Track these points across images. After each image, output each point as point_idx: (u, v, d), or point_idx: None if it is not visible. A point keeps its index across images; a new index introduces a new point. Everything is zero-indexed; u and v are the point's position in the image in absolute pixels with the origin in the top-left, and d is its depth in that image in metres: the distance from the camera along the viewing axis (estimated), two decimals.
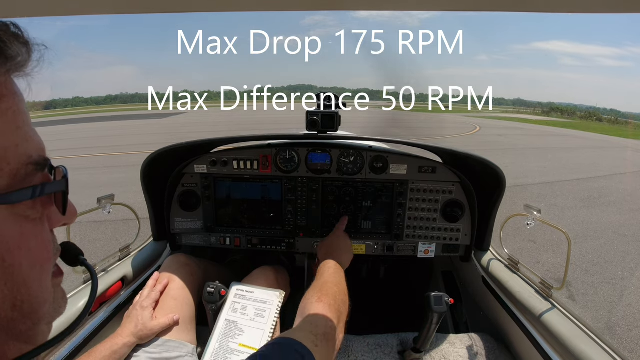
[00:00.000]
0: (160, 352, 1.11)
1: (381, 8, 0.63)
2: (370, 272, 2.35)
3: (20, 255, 0.35)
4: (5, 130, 0.33)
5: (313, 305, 0.91)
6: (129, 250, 1.53)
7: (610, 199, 6.50)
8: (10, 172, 0.34)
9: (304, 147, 1.58)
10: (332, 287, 1.04)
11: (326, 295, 0.96)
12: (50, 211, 0.40)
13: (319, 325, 0.82)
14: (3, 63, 0.34)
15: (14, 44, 0.34)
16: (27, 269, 0.36)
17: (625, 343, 2.70)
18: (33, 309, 0.37)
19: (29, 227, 0.36)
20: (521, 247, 4.29)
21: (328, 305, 0.91)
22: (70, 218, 0.43)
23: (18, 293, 0.35)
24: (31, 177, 0.36)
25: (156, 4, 0.57)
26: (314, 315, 0.86)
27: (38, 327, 0.39)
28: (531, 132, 21.86)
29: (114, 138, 15.23)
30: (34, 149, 0.37)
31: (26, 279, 0.36)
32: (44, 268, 0.39)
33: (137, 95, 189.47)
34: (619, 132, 25.76)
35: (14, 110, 0.35)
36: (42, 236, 0.38)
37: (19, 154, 0.35)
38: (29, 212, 0.36)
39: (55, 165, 0.42)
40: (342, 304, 0.98)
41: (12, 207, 0.34)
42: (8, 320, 0.35)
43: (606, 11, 0.50)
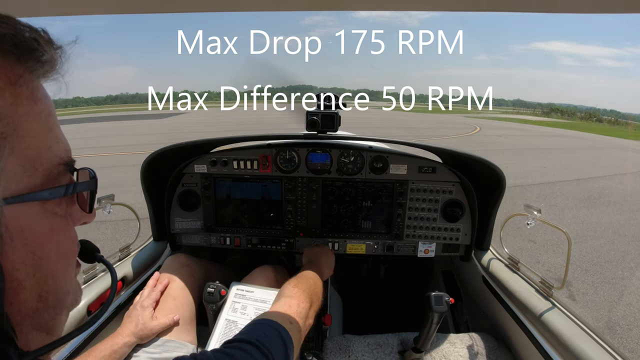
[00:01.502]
0: (161, 352, 1.11)
1: (381, 8, 0.63)
2: (370, 272, 2.35)
3: (50, 248, 0.37)
4: (39, 132, 0.36)
5: (289, 289, 1.02)
6: (129, 250, 1.53)
7: (610, 199, 6.50)
8: (44, 172, 0.36)
9: (304, 147, 1.58)
10: (309, 280, 1.13)
11: (302, 283, 1.08)
12: (72, 209, 0.43)
13: (292, 305, 0.92)
14: (39, 68, 0.36)
15: (49, 49, 0.36)
16: (55, 261, 0.38)
17: (625, 342, 2.70)
18: (58, 299, 0.39)
19: (57, 222, 0.39)
20: (521, 246, 4.29)
21: (302, 290, 1.02)
22: (91, 217, 0.45)
23: (45, 284, 0.37)
24: (62, 177, 0.39)
25: (156, 4, 0.57)
26: (289, 297, 0.97)
27: (60, 318, 0.41)
28: (531, 132, 21.87)
29: (113, 138, 15.23)
30: (64, 151, 0.39)
31: (53, 271, 0.38)
32: (69, 261, 0.41)
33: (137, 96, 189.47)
34: (619, 133, 25.77)
35: (47, 113, 0.37)
36: (68, 232, 0.41)
37: (51, 155, 0.37)
38: (56, 209, 0.38)
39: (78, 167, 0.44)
40: (315, 295, 1.07)
41: (43, 203, 0.36)
42: (34, 311, 0.37)
43: (606, 11, 0.50)
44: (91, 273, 1.29)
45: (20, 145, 0.33)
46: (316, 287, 1.12)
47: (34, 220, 0.35)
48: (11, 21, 0.34)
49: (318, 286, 1.14)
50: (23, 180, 0.34)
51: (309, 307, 0.98)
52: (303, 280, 1.11)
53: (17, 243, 0.34)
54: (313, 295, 1.05)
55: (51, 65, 0.37)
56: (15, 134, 0.33)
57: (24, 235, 0.34)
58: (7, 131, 0.32)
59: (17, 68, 0.34)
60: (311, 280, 1.13)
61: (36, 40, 0.35)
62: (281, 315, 0.86)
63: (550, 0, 0.55)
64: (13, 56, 0.34)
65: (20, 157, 0.33)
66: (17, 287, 0.34)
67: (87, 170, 0.44)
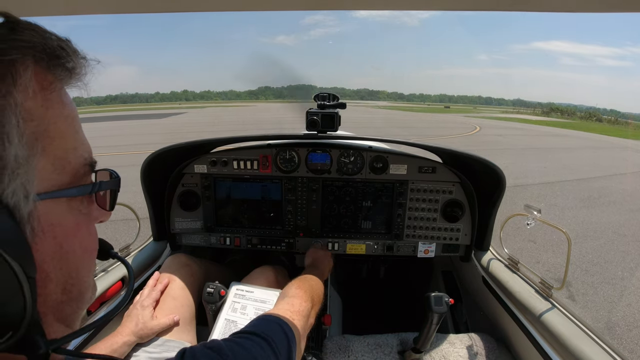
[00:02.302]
0: (160, 352, 1.11)
1: (381, 8, 0.63)
2: (370, 272, 2.35)
3: (75, 243, 0.40)
4: (67, 134, 0.38)
5: (292, 290, 1.06)
6: (129, 250, 1.53)
7: (610, 199, 6.50)
8: (71, 171, 0.39)
9: (304, 147, 1.58)
10: (310, 281, 1.16)
11: (304, 284, 1.11)
12: (91, 209, 0.44)
13: (294, 304, 0.96)
14: (66, 74, 0.39)
15: (75, 58, 0.39)
16: (80, 256, 0.41)
17: (625, 343, 2.70)
18: (80, 293, 0.42)
19: (82, 219, 0.41)
20: (521, 247, 4.29)
21: (304, 291, 1.05)
22: (107, 215, 0.48)
23: (69, 277, 0.40)
24: (87, 177, 0.42)
25: (156, 4, 0.57)
26: (292, 297, 1.01)
27: (80, 311, 0.43)
28: (531, 132, 21.88)
29: (113, 138, 15.22)
30: (87, 152, 0.42)
31: (77, 265, 0.41)
32: (92, 256, 0.44)
33: (137, 95, 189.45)
34: (619, 133, 25.78)
35: (72, 116, 0.40)
36: (91, 228, 0.44)
37: (77, 155, 0.40)
38: (80, 206, 0.41)
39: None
40: (317, 296, 1.10)
41: (70, 200, 0.39)
42: (58, 303, 0.39)
43: (606, 11, 0.50)
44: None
45: (51, 146, 0.36)
46: (318, 289, 1.15)
47: (62, 216, 0.38)
48: (40, 29, 0.37)
49: (319, 288, 1.17)
50: (53, 178, 0.36)
51: (310, 307, 1.00)
52: (305, 281, 1.14)
53: (47, 236, 0.36)
54: (314, 296, 1.08)
55: (76, 73, 0.40)
56: (46, 135, 0.35)
57: (53, 230, 0.37)
58: (39, 132, 0.35)
59: (47, 74, 0.37)
60: (313, 282, 1.16)
61: (63, 49, 0.38)
62: (284, 312, 0.89)
63: (550, 0, 0.54)
64: (44, 63, 0.36)
65: (50, 157, 0.36)
66: (45, 279, 0.37)
67: (108, 172, 0.48)
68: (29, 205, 0.33)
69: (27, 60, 0.34)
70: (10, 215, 0.32)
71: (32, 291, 0.32)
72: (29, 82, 0.34)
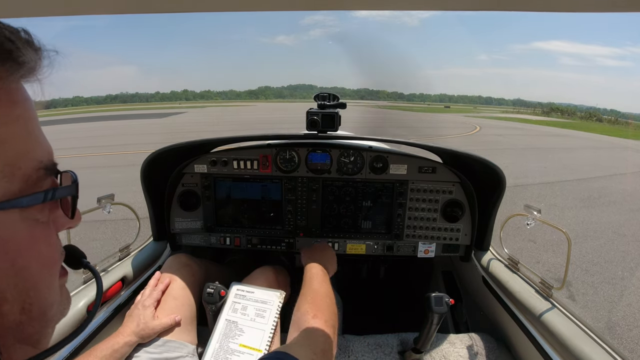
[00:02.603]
0: (161, 352, 1.11)
1: (381, 8, 0.63)
2: (370, 272, 2.35)
3: (31, 258, 0.35)
4: (17, 136, 0.34)
5: (309, 320, 0.94)
6: (129, 250, 1.53)
7: (610, 199, 6.50)
8: (22, 177, 0.34)
9: (304, 147, 1.58)
10: (325, 299, 1.06)
11: (321, 311, 0.99)
12: (56, 215, 0.41)
13: (317, 343, 0.84)
14: (16, 70, 0.34)
15: (27, 50, 0.35)
16: (37, 271, 0.36)
17: (625, 343, 2.70)
18: (41, 311, 0.38)
19: (39, 230, 0.37)
20: (521, 246, 4.29)
21: (324, 321, 0.94)
22: (75, 222, 0.44)
23: (27, 296, 0.35)
24: (41, 182, 0.37)
25: (156, 4, 0.57)
26: (311, 332, 0.89)
27: (45, 330, 0.39)
28: (531, 132, 21.87)
29: (113, 137, 15.22)
30: (44, 154, 0.38)
31: (36, 282, 0.36)
32: (52, 271, 0.39)
33: (137, 95, 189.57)
34: (619, 133, 25.77)
35: (26, 116, 0.35)
36: (50, 239, 0.39)
37: (30, 159, 0.35)
38: (38, 215, 0.37)
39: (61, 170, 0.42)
40: (335, 317, 1.01)
41: (23, 210, 0.35)
42: (17, 324, 0.35)
43: (606, 10, 0.50)
44: (91, 273, 1.29)
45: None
46: (333, 306, 1.05)
47: (13, 229, 0.34)
48: None
49: (333, 302, 1.08)
50: (0, 187, 0.32)
51: (333, 338, 0.90)
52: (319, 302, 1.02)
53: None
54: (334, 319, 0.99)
55: (30, 67, 0.35)
56: None
57: (4, 245, 0.33)
58: None
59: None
60: (327, 300, 1.05)
61: (12, 41, 0.34)
62: (305, 354, 0.75)
63: (550, 0, 0.54)
64: None
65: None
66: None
67: (69, 174, 0.42)
68: None
69: None
70: None
71: None
72: None
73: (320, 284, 1.14)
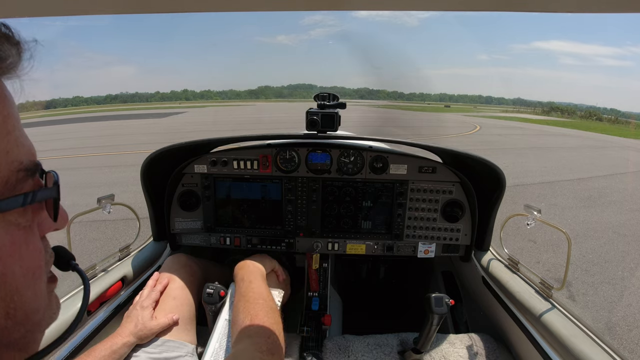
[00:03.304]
0: (160, 352, 1.11)
1: (381, 8, 0.62)
2: (370, 272, 2.35)
3: (12, 263, 0.34)
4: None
5: (246, 321, 0.97)
6: (129, 250, 1.53)
7: (610, 199, 6.50)
8: (0, 180, 0.33)
9: (303, 147, 1.58)
10: (257, 299, 1.09)
11: (254, 308, 1.02)
12: (41, 217, 0.40)
13: (261, 343, 0.87)
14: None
15: (4, 45, 0.33)
16: (20, 277, 0.35)
17: (625, 343, 2.70)
18: (27, 316, 0.37)
19: (20, 234, 0.36)
20: (521, 247, 4.29)
21: (262, 319, 0.96)
22: (61, 224, 0.42)
23: (11, 301, 0.35)
24: (22, 184, 0.35)
25: (156, 4, 0.57)
26: (254, 331, 0.92)
27: (32, 335, 0.39)
28: (531, 131, 21.86)
29: (113, 138, 15.22)
30: (25, 155, 0.36)
31: (19, 287, 0.35)
32: (35, 275, 0.38)
33: (137, 95, 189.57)
34: (619, 132, 25.76)
35: (4, 114, 0.33)
36: (33, 244, 0.38)
37: (9, 160, 0.33)
38: (19, 219, 0.35)
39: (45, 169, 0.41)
40: (272, 311, 1.03)
41: (2, 215, 0.33)
42: (1, 329, 0.34)
43: (606, 11, 0.50)
44: (91, 273, 1.29)
45: None
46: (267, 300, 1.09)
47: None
48: None
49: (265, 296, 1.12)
50: None
51: (278, 332, 0.95)
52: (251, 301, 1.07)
53: None
54: (270, 312, 1.03)
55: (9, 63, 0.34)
56: None
57: None
58: None
59: None
60: (260, 300, 1.09)
61: None
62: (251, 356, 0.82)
63: (550, 0, 0.54)
64: None
65: None
66: None
67: (51, 174, 0.40)
68: None
69: None
70: None
71: None
72: None
73: (247, 289, 1.16)
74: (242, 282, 1.20)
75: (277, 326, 0.97)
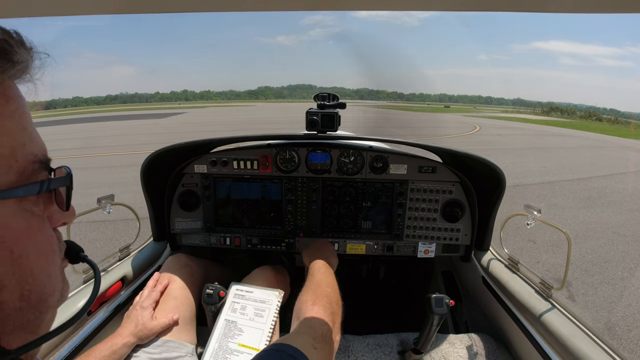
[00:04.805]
0: (160, 352, 1.11)
1: (381, 8, 0.63)
2: (370, 272, 2.35)
3: (28, 246, 0.37)
4: (13, 130, 0.36)
5: (308, 308, 0.94)
6: (129, 250, 1.53)
7: (610, 199, 6.50)
8: (18, 169, 0.36)
9: (303, 147, 1.58)
10: (325, 288, 1.06)
11: (320, 297, 0.99)
12: (50, 210, 0.42)
13: (315, 328, 0.84)
14: (10, 68, 0.36)
15: (20, 50, 0.37)
16: (34, 260, 0.38)
17: (625, 343, 2.70)
18: (41, 299, 0.39)
19: (34, 221, 0.39)
20: (521, 246, 4.29)
21: (323, 307, 0.94)
22: (69, 217, 0.46)
23: (26, 283, 0.37)
24: (37, 175, 0.39)
25: (156, 4, 0.57)
26: (310, 319, 0.89)
27: (44, 316, 0.41)
28: (531, 131, 21.87)
29: (113, 138, 15.22)
30: (38, 149, 0.39)
31: (33, 270, 0.38)
32: (49, 260, 0.41)
33: (137, 95, 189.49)
34: (619, 132, 25.77)
35: (20, 112, 0.37)
36: (46, 230, 0.41)
37: (25, 152, 0.37)
38: (33, 207, 0.39)
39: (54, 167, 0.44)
40: (336, 305, 1.00)
41: (19, 201, 0.37)
42: (16, 310, 0.37)
43: (606, 11, 0.50)
44: (91, 273, 1.29)
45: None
46: (335, 294, 1.05)
47: (9, 218, 0.35)
48: None
49: (335, 289, 1.08)
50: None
51: (332, 324, 0.90)
52: (319, 291, 1.02)
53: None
54: (334, 306, 0.98)
55: (23, 66, 0.37)
56: None
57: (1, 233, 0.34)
58: None
59: None
60: (328, 289, 1.05)
61: (7, 41, 0.35)
62: (304, 344, 0.74)
63: (550, 0, 0.54)
64: None
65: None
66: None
67: (63, 168, 0.45)
68: None
69: None
70: None
71: None
72: None
73: (323, 274, 1.14)
74: (319, 269, 1.18)
75: (333, 315, 0.94)
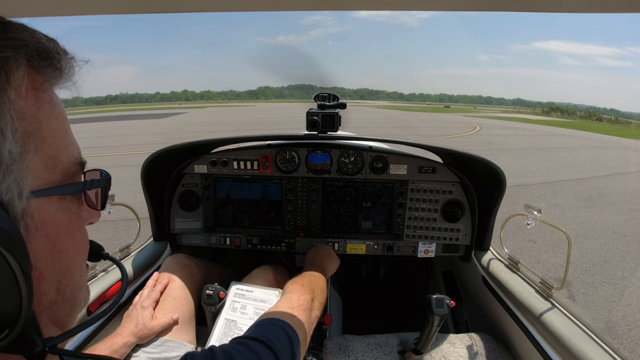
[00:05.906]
0: (160, 352, 1.11)
1: (381, 8, 0.63)
2: (370, 272, 2.35)
3: (68, 242, 0.40)
4: (58, 133, 0.39)
5: (289, 286, 1.05)
6: (129, 250, 1.53)
7: (610, 199, 6.50)
8: (62, 170, 0.39)
9: (304, 148, 1.58)
10: (309, 276, 1.16)
11: (301, 279, 1.11)
12: (81, 210, 0.45)
13: (292, 300, 0.94)
14: (58, 75, 0.39)
15: (64, 58, 0.40)
16: (72, 255, 0.41)
17: (625, 343, 2.70)
18: (73, 293, 0.42)
19: (74, 218, 0.42)
20: (521, 246, 4.29)
21: (301, 285, 1.05)
22: (96, 216, 0.48)
23: (62, 277, 0.40)
24: (77, 175, 0.42)
25: (156, 4, 0.57)
26: (289, 293, 1.00)
27: (73, 312, 0.43)
28: (531, 131, 21.87)
29: (113, 138, 15.22)
30: (77, 151, 0.42)
31: (70, 265, 0.41)
32: (83, 256, 0.44)
33: (137, 95, 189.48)
34: (619, 132, 25.76)
35: (63, 116, 0.40)
36: (82, 228, 0.44)
37: (68, 154, 0.40)
38: (71, 206, 0.41)
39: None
40: (317, 288, 1.09)
41: (61, 199, 0.39)
42: (52, 303, 0.39)
43: (606, 11, 0.50)
44: (91, 273, 1.29)
45: (43, 144, 0.36)
46: (317, 281, 1.13)
47: (54, 214, 0.38)
48: (30, 30, 0.37)
49: (319, 280, 1.15)
50: (45, 176, 0.37)
51: (310, 299, 0.99)
52: (303, 276, 1.13)
53: (40, 234, 0.36)
54: (315, 288, 1.07)
55: (66, 73, 0.40)
56: (38, 134, 0.36)
57: (46, 227, 0.37)
58: (31, 130, 0.35)
59: (38, 74, 0.37)
60: (312, 277, 1.14)
61: (54, 49, 0.38)
62: (282, 311, 0.87)
63: (550, 0, 0.54)
64: (35, 62, 0.36)
65: (42, 155, 0.36)
66: (39, 277, 0.36)
67: (98, 171, 0.48)
68: (23, 202, 0.33)
69: (20, 58, 0.34)
70: (5, 211, 0.32)
71: (29, 288, 0.32)
72: (22, 81, 0.34)
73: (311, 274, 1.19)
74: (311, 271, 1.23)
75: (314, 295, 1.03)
